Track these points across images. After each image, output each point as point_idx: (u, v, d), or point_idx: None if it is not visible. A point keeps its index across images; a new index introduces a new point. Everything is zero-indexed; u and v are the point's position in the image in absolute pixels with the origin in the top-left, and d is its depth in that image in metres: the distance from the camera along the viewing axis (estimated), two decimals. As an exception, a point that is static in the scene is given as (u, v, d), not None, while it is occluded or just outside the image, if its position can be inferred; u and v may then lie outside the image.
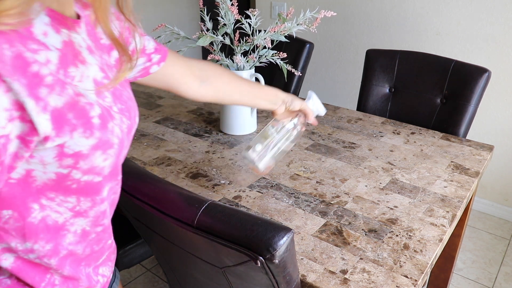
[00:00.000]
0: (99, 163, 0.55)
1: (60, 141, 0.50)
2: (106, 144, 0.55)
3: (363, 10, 2.28)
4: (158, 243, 0.91)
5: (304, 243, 0.90)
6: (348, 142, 1.36)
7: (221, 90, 0.95)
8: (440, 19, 2.07)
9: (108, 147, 0.55)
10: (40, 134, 0.47)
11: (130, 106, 0.64)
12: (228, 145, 1.33)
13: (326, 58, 2.51)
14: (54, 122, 0.48)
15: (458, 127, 1.50)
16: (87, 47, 0.58)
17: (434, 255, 0.87)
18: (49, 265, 0.59)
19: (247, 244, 0.64)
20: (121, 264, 1.30)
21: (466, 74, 1.50)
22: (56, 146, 0.50)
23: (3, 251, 0.56)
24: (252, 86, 0.98)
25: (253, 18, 1.29)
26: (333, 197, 1.06)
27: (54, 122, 0.48)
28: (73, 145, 0.51)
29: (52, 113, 0.48)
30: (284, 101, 0.99)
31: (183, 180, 1.14)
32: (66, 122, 0.50)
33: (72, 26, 0.55)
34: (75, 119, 0.51)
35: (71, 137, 0.50)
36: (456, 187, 1.11)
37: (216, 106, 1.62)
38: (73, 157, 0.52)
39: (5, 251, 0.56)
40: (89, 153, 0.53)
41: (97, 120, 0.54)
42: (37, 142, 0.48)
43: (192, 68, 0.89)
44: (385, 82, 1.69)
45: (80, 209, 0.59)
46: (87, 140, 0.52)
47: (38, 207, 0.55)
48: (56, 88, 0.49)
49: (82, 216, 0.60)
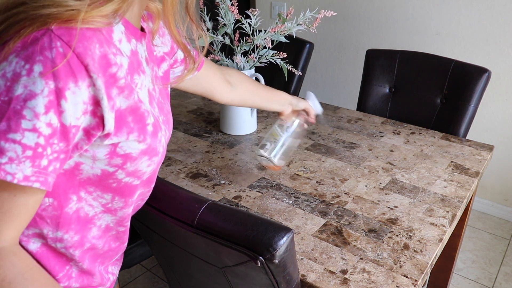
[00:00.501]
0: (143, 168, 0.60)
1: (116, 140, 0.54)
2: (154, 151, 0.59)
3: (363, 10, 2.28)
4: (158, 243, 0.91)
5: (304, 243, 0.90)
6: (348, 142, 1.36)
7: (246, 94, 1.03)
8: (440, 19, 2.07)
9: (154, 155, 0.60)
10: (105, 130, 0.52)
11: (169, 118, 0.68)
12: (228, 145, 1.33)
13: (326, 58, 2.51)
14: (116, 122, 0.53)
15: (458, 127, 1.50)
16: (145, 58, 0.62)
17: (434, 255, 0.87)
18: (73, 256, 0.62)
19: (247, 244, 0.64)
20: (121, 263, 1.30)
21: (466, 74, 1.50)
22: (111, 145, 0.54)
23: (33, 236, 0.58)
24: (267, 91, 1.08)
25: (253, 18, 1.29)
26: (333, 197, 1.06)
27: (116, 121, 0.53)
28: (125, 146, 0.55)
29: (116, 112, 0.52)
30: (291, 103, 1.10)
31: (183, 180, 1.14)
32: (125, 124, 0.54)
33: (139, 37, 0.60)
34: (133, 123, 0.55)
35: (127, 138, 0.55)
36: (456, 187, 1.11)
37: (216, 106, 1.62)
38: (122, 158, 0.56)
39: (35, 236, 0.58)
40: (137, 157, 0.57)
41: (151, 127, 0.58)
42: (98, 137, 0.52)
43: (224, 75, 0.97)
44: (385, 82, 1.69)
45: (112, 207, 0.63)
46: (139, 144, 0.57)
47: (76, 198, 0.58)
48: (125, 91, 0.53)
49: (110, 213, 0.64)
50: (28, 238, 0.58)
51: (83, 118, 0.50)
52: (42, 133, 0.47)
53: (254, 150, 1.30)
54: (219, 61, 1.31)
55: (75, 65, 0.47)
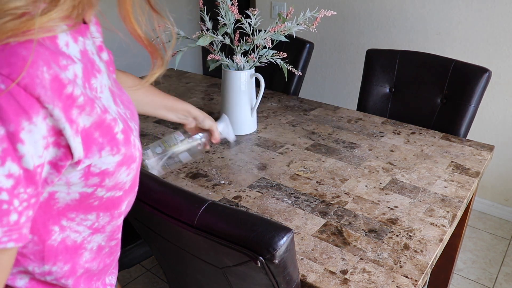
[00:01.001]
0: (123, 178, 0.54)
1: (89, 162, 0.48)
2: (130, 158, 0.54)
3: (363, 9, 2.28)
4: (158, 243, 0.91)
5: (304, 243, 0.90)
6: (348, 142, 1.36)
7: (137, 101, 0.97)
8: (440, 19, 2.07)
9: (131, 162, 0.54)
10: (74, 158, 0.45)
11: (133, 110, 0.62)
12: (228, 145, 1.32)
13: (326, 58, 2.51)
14: (84, 143, 0.46)
15: (458, 127, 1.49)
16: (96, 54, 0.54)
17: (434, 255, 0.87)
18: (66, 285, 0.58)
19: (247, 244, 0.64)
20: (121, 264, 1.30)
21: (467, 74, 1.50)
22: (84, 167, 0.48)
23: (18, 273, 0.54)
24: (166, 100, 1.02)
25: (253, 18, 1.29)
26: (333, 197, 1.06)
27: (84, 143, 0.46)
28: (99, 164, 0.49)
29: (81, 133, 0.46)
30: (195, 118, 1.06)
31: (183, 180, 1.14)
32: (94, 142, 0.48)
33: (84, 31, 0.51)
34: (101, 137, 0.49)
35: (100, 156, 0.49)
36: (457, 187, 1.11)
37: (216, 106, 1.62)
38: (99, 176, 0.50)
39: (21, 273, 0.55)
40: (115, 170, 0.51)
41: (121, 135, 0.52)
42: (69, 165, 0.46)
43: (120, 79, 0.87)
44: (385, 82, 1.68)
45: (99, 225, 0.57)
46: (113, 157, 0.51)
47: (58, 229, 0.53)
48: (86, 108, 0.46)
49: (99, 232, 0.59)
50: (14, 275, 0.54)
51: (47, 153, 0.43)
52: (3, 187, 0.40)
53: (254, 150, 1.30)
54: (219, 61, 1.31)
55: (24, 100, 0.39)
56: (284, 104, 1.66)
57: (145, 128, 1.44)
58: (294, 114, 1.57)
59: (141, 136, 1.38)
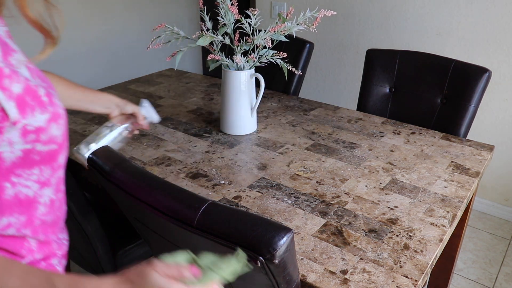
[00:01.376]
0: (55, 132, 0.63)
1: (26, 122, 0.57)
2: (57, 115, 0.63)
3: (363, 9, 2.28)
4: (158, 243, 0.91)
5: (304, 243, 0.90)
6: (348, 142, 1.36)
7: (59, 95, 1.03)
8: (440, 19, 2.07)
9: (58, 118, 0.63)
10: (11, 119, 0.55)
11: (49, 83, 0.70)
12: (228, 145, 1.32)
13: (326, 58, 2.51)
14: (19, 107, 0.56)
15: (458, 127, 1.49)
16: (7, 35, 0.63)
17: (434, 255, 0.87)
18: (26, 235, 0.66)
19: (247, 244, 0.64)
20: (121, 264, 1.30)
21: (467, 74, 1.50)
22: (22, 126, 0.57)
23: None
24: (86, 93, 1.08)
25: (253, 18, 1.29)
26: (333, 197, 1.06)
27: (19, 107, 0.56)
28: (33, 122, 0.59)
29: (16, 99, 0.56)
30: (117, 105, 1.11)
31: (183, 180, 1.14)
32: (27, 105, 0.57)
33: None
34: (32, 101, 0.59)
35: (33, 116, 0.58)
36: (457, 187, 1.11)
37: (216, 106, 1.62)
38: (35, 132, 0.59)
39: None
40: (46, 126, 0.61)
41: (45, 98, 0.61)
42: (7, 126, 0.55)
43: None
44: (385, 82, 1.68)
45: (44, 178, 0.66)
46: (43, 115, 0.60)
47: (10, 185, 0.61)
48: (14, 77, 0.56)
49: (47, 186, 0.67)
50: None
51: None
52: None
53: (254, 150, 1.30)
54: (219, 61, 1.31)
55: None
56: (284, 104, 1.66)
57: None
58: (294, 114, 1.57)
59: (141, 136, 1.38)
